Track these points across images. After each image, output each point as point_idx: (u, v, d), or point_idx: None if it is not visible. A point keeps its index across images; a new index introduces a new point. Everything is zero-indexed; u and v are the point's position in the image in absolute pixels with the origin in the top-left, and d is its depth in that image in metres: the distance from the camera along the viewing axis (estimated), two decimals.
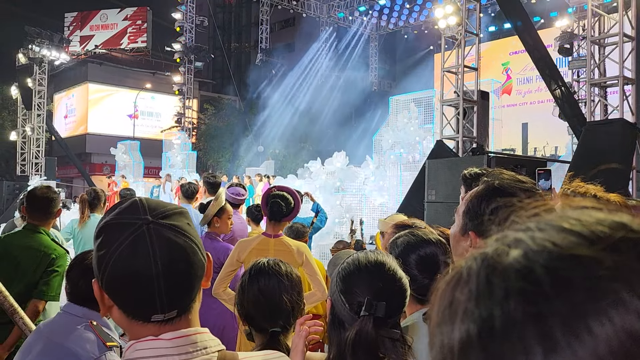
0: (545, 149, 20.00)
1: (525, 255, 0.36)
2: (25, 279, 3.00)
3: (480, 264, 0.38)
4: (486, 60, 21.29)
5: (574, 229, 0.37)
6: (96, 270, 0.90)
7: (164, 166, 19.74)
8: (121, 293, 0.88)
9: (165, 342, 0.88)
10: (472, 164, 7.33)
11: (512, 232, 0.39)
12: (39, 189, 3.30)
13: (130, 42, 35.94)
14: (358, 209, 11.79)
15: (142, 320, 0.89)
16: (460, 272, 0.39)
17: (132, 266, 0.86)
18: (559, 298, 0.34)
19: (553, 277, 0.34)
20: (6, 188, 17.29)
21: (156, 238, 0.87)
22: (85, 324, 1.85)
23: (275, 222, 3.30)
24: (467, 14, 10.18)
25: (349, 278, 1.34)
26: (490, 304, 0.35)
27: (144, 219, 0.88)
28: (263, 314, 1.77)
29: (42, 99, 20.22)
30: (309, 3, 27.48)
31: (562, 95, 9.21)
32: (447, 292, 0.39)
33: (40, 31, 19.46)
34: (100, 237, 0.90)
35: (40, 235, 3.13)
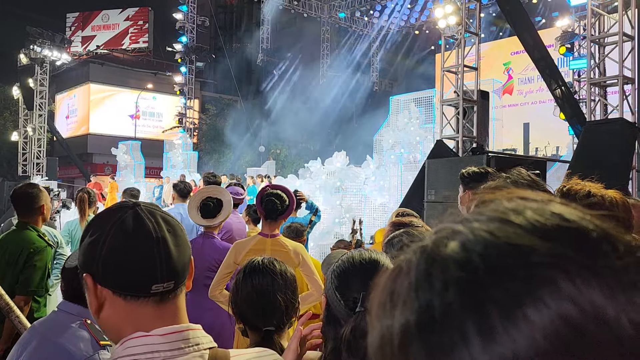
0: (546, 149, 19.98)
1: (463, 245, 0.37)
2: (12, 275, 3.04)
3: (419, 256, 0.39)
4: (487, 60, 21.28)
5: (510, 219, 0.37)
6: (89, 259, 0.92)
7: (165, 166, 19.76)
8: (121, 265, 0.90)
9: (157, 338, 0.89)
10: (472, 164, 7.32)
11: (450, 223, 0.40)
12: (19, 187, 3.34)
13: (132, 43, 36.00)
14: (358, 209, 11.79)
15: (142, 296, 0.90)
16: (400, 265, 0.40)
17: (134, 232, 0.90)
18: (496, 286, 0.34)
19: (490, 265, 0.35)
20: (7, 188, 17.31)
21: (149, 213, 0.93)
22: (80, 322, 1.85)
23: (271, 221, 3.30)
24: (468, 13, 10.17)
25: (344, 275, 1.36)
26: (430, 295, 0.36)
27: (133, 203, 0.95)
28: (257, 312, 1.78)
29: (44, 100, 20.26)
30: (310, 3, 27.49)
31: (563, 95, 9.20)
32: (387, 284, 0.40)
33: (41, 31, 19.51)
34: (91, 228, 0.94)
35: (27, 232, 3.18)
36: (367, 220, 10.78)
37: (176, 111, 26.43)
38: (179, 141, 20.16)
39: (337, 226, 11.04)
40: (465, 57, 9.95)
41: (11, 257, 3.06)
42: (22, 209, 3.23)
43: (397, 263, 0.40)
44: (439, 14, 10.07)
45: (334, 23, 29.03)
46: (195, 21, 24.74)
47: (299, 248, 3.27)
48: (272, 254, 3.12)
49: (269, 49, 28.12)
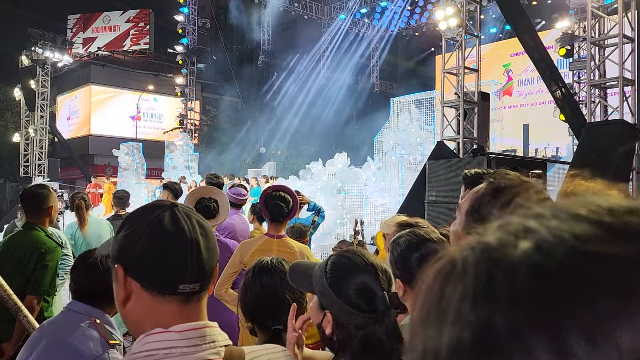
0: (546, 150, 20.00)
1: (539, 248, 0.30)
2: (23, 276, 3.06)
3: (479, 255, 0.32)
4: (487, 61, 21.31)
5: (599, 219, 0.30)
6: (122, 251, 0.95)
7: (167, 168, 19.79)
8: (154, 261, 0.93)
9: (174, 335, 0.91)
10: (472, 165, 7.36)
11: (519, 218, 0.33)
12: (29, 187, 3.38)
13: (133, 44, 36.05)
14: (359, 210, 11.82)
15: (168, 292, 0.93)
16: (454, 263, 0.33)
17: (171, 231, 0.94)
18: (581, 304, 0.27)
19: (575, 277, 0.28)
20: (9, 189, 17.34)
21: (186, 216, 0.97)
22: (89, 321, 1.87)
23: (277, 223, 3.34)
24: (468, 15, 10.21)
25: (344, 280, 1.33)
26: (491, 308, 0.29)
27: (171, 203, 0.99)
28: (265, 311, 1.80)
29: (45, 101, 20.31)
30: (311, 5, 27.54)
31: (563, 96, 9.24)
32: (436, 286, 0.33)
33: (43, 33, 19.56)
34: (128, 222, 0.98)
35: (35, 232, 3.20)
36: (367, 221, 10.81)
37: (177, 112, 26.48)
38: (180, 142, 20.19)
39: (338, 227, 11.07)
40: (465, 58, 9.99)
41: (20, 258, 3.09)
42: (31, 209, 3.26)
43: (448, 259, 0.33)
44: (440, 16, 10.10)
45: (334, 25, 29.09)
46: (196, 23, 24.79)
47: (305, 249, 3.31)
48: (278, 254, 3.16)
49: (270, 50, 28.17)
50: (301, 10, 27.06)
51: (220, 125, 27.39)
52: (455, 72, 10.00)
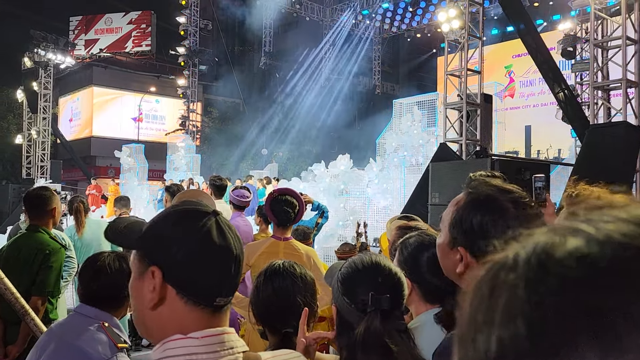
0: (548, 151, 19.99)
1: (588, 243, 0.31)
2: (29, 278, 3.07)
3: (531, 250, 0.33)
4: (489, 63, 21.30)
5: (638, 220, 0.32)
6: (163, 254, 0.92)
7: (169, 169, 19.80)
8: (198, 272, 0.92)
9: (194, 341, 0.90)
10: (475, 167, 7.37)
11: (567, 223, 0.34)
12: (32, 189, 3.39)
13: (135, 46, 36.11)
14: (362, 212, 11.82)
15: (203, 305, 0.92)
16: (505, 259, 0.34)
17: (220, 244, 0.92)
18: (626, 291, 0.29)
19: (622, 267, 0.30)
20: (12, 191, 17.37)
21: (228, 227, 0.96)
22: (98, 324, 1.88)
23: (283, 227, 3.37)
24: (470, 17, 10.22)
25: (349, 279, 1.41)
26: (543, 293, 0.31)
27: (213, 210, 0.98)
28: (276, 314, 1.80)
29: (48, 103, 20.34)
30: (312, 6, 27.56)
31: (565, 98, 9.23)
32: (486, 281, 0.34)
33: (45, 35, 19.61)
34: (171, 221, 0.95)
35: (39, 234, 3.22)
36: (370, 222, 10.81)
37: (179, 114, 26.50)
38: (182, 144, 20.20)
39: (340, 229, 11.07)
40: (468, 60, 9.99)
41: (26, 259, 3.10)
42: (34, 211, 3.27)
43: (497, 259, 0.34)
44: (443, 18, 10.10)
45: (336, 26, 29.12)
46: (198, 24, 24.83)
47: (311, 252, 3.34)
48: (285, 256, 3.18)
49: (272, 51, 28.19)
50: (303, 12, 27.08)
51: (222, 127, 27.40)
52: (458, 74, 10.00)
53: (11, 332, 3.00)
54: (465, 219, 1.18)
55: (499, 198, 1.17)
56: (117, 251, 2.14)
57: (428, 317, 1.56)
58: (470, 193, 1.21)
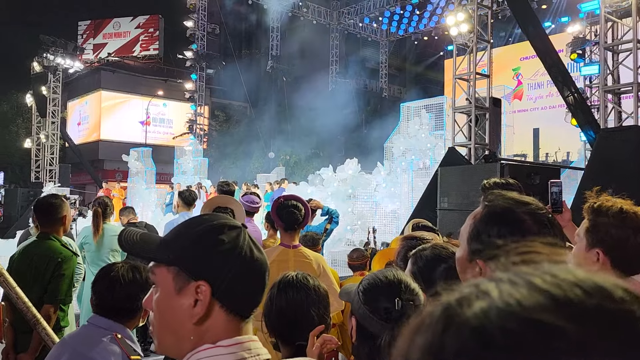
0: (557, 154, 19.88)
1: (485, 311, 0.33)
2: (41, 286, 3.07)
3: (440, 312, 0.35)
4: (496, 65, 21.17)
5: (546, 288, 0.33)
6: (213, 271, 0.94)
7: (176, 173, 19.86)
8: (244, 289, 0.97)
9: (222, 349, 0.93)
10: (485, 172, 7.33)
11: (486, 279, 0.36)
12: (43, 197, 3.39)
13: (143, 50, 36.33)
14: (370, 216, 11.79)
15: (242, 317, 0.97)
16: (424, 317, 0.37)
17: (258, 258, 0.98)
18: None
19: (507, 340, 0.31)
20: (21, 195, 17.47)
21: (254, 242, 1.01)
22: (111, 336, 1.88)
23: (291, 232, 3.34)
24: (479, 20, 10.17)
25: (371, 290, 1.43)
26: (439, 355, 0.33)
27: (242, 224, 1.03)
28: (290, 326, 1.80)
29: (57, 107, 20.48)
30: (319, 10, 27.62)
31: (575, 102, 9.17)
32: (409, 335, 0.37)
33: (54, 40, 19.75)
34: (207, 237, 0.97)
35: (51, 242, 3.21)
36: (378, 226, 10.78)
37: (186, 118, 26.60)
38: (190, 147, 20.26)
39: (348, 233, 11.04)
40: (477, 64, 9.94)
41: (38, 268, 3.10)
42: (44, 219, 3.27)
43: (422, 315, 0.37)
44: (451, 22, 10.06)
45: (342, 30, 29.14)
46: (206, 29, 24.93)
47: (320, 259, 3.32)
48: (295, 263, 3.16)
49: (278, 55, 28.25)
50: (310, 16, 27.14)
51: (229, 130, 27.48)
52: (466, 78, 9.96)
53: (22, 341, 3.00)
54: (483, 231, 1.19)
55: (516, 210, 1.17)
56: (131, 262, 2.13)
57: None
58: (487, 206, 1.22)
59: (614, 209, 1.64)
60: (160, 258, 0.97)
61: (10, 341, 3.08)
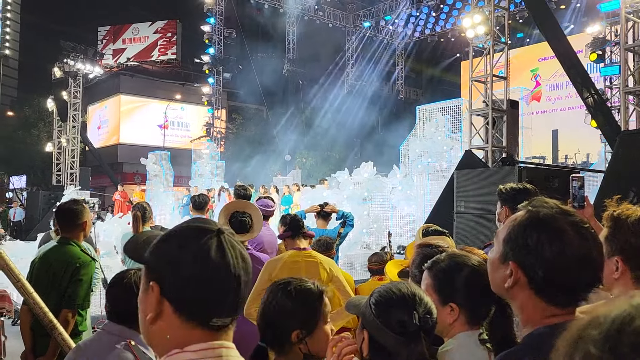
0: (576, 156, 19.57)
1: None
2: (59, 291, 3.11)
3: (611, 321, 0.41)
4: (514, 66, 20.95)
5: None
6: (162, 270, 0.93)
7: (193, 175, 20.02)
8: (195, 292, 0.91)
9: (190, 354, 0.91)
10: (502, 175, 7.25)
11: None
12: (64, 203, 3.44)
13: (161, 54, 36.78)
14: (385, 219, 11.74)
15: (197, 323, 0.92)
16: (589, 323, 0.41)
17: (217, 264, 0.91)
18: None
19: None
20: (42, 198, 17.80)
21: (231, 246, 0.94)
22: (124, 343, 1.90)
23: (299, 237, 3.44)
24: (496, 21, 10.07)
25: (385, 303, 1.44)
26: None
27: (217, 228, 0.95)
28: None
29: (77, 111, 20.82)
30: (335, 13, 27.63)
31: (595, 103, 9.03)
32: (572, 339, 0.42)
33: (75, 45, 20.09)
34: (173, 239, 0.95)
35: (70, 247, 3.25)
36: (393, 230, 10.72)
37: (204, 121, 26.81)
38: (207, 150, 20.40)
39: (364, 236, 11.01)
40: (494, 66, 9.84)
41: (56, 273, 3.14)
42: (65, 224, 3.32)
43: (584, 322, 0.41)
44: (467, 24, 9.98)
45: (358, 32, 29.11)
46: (222, 33, 25.11)
47: (331, 263, 3.35)
48: (306, 265, 3.19)
49: (295, 59, 28.33)
50: (325, 19, 27.17)
51: (246, 134, 27.61)
52: (483, 80, 9.87)
53: (41, 344, 3.05)
54: (521, 235, 1.20)
55: (559, 220, 1.18)
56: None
57: (467, 339, 1.55)
58: (530, 211, 1.23)
59: (634, 218, 1.61)
60: (138, 257, 1.00)
61: (29, 344, 3.13)
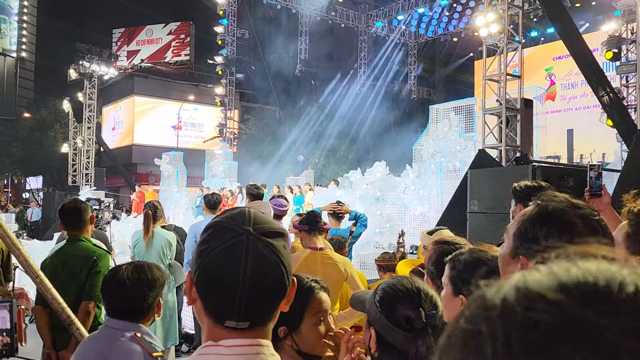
0: (592, 156, 19.34)
1: (508, 295, 0.38)
2: (78, 285, 3.17)
3: (476, 301, 0.40)
4: (529, 65, 20.81)
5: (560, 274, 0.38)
6: (193, 261, 0.96)
7: (207, 176, 20.14)
8: (206, 289, 0.94)
9: (223, 349, 0.92)
10: (516, 174, 7.20)
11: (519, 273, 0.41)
12: (66, 203, 3.50)
13: (174, 56, 37.08)
14: (398, 219, 11.71)
15: (216, 321, 0.93)
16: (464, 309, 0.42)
17: (223, 268, 0.91)
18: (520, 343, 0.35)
19: (524, 316, 0.36)
20: (58, 198, 18.02)
21: (252, 250, 0.92)
22: (131, 335, 1.91)
23: (315, 232, 3.40)
24: (509, 20, 10.00)
25: (391, 300, 1.42)
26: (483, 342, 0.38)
27: (246, 229, 0.94)
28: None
29: (92, 112, 21.06)
30: (348, 13, 27.63)
31: (610, 102, 8.92)
32: (456, 324, 0.41)
33: (90, 47, 20.32)
34: (206, 234, 0.96)
35: (82, 242, 3.33)
36: (407, 229, 10.66)
37: (217, 122, 26.97)
38: (220, 151, 20.51)
39: (377, 236, 11.00)
40: (507, 64, 9.78)
41: (73, 268, 3.20)
42: (71, 223, 3.39)
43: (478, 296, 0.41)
44: (481, 22, 9.93)
45: (371, 32, 29.07)
46: (235, 34, 25.24)
47: (347, 263, 3.35)
48: (322, 267, 3.19)
49: (307, 59, 28.38)
50: (338, 19, 27.18)
51: (259, 134, 27.72)
52: (497, 79, 9.81)
53: (61, 339, 3.10)
54: (531, 229, 1.19)
55: (568, 213, 1.17)
56: (135, 262, 2.17)
57: None
58: (539, 205, 1.22)
59: None
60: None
61: (49, 340, 3.18)
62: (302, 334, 1.68)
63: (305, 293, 1.74)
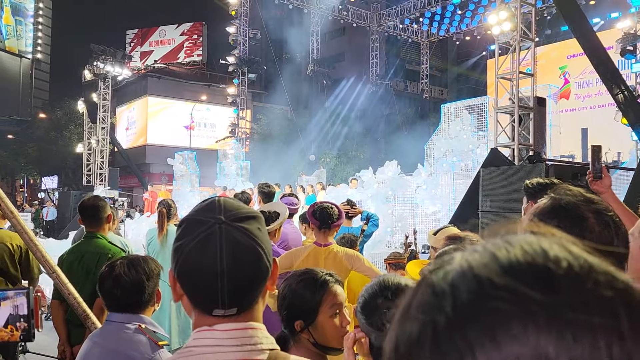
0: (607, 155, 19.09)
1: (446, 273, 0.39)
2: (93, 282, 3.21)
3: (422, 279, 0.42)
4: (542, 64, 20.62)
5: (493, 251, 0.39)
6: (172, 259, 0.98)
7: (219, 175, 20.25)
8: (188, 284, 0.96)
9: (219, 333, 0.94)
10: (528, 173, 7.15)
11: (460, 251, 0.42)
12: (86, 199, 3.55)
13: (187, 56, 37.34)
14: (410, 218, 11.69)
15: (204, 312, 0.96)
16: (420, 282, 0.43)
17: (200, 261, 0.93)
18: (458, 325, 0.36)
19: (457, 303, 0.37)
20: (73, 197, 18.26)
21: (225, 238, 0.93)
22: (135, 327, 1.94)
23: (325, 230, 3.40)
24: (522, 18, 9.93)
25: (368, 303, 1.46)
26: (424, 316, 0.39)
27: (217, 218, 0.95)
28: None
29: (106, 113, 21.30)
30: (359, 13, 27.59)
31: (625, 100, 8.83)
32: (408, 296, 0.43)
33: (104, 48, 20.56)
34: (179, 230, 0.98)
35: (98, 240, 3.37)
36: (419, 229, 10.66)
37: (229, 121, 27.10)
38: (232, 151, 20.63)
39: (388, 235, 10.99)
40: (520, 63, 9.71)
41: (89, 266, 3.26)
42: (90, 219, 3.44)
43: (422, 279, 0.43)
44: (493, 21, 9.88)
45: (383, 32, 29.00)
46: (247, 34, 25.34)
47: (350, 252, 3.37)
48: (326, 262, 3.22)
49: (319, 59, 28.39)
50: (350, 19, 27.16)
51: (271, 134, 27.80)
52: (509, 77, 9.75)
53: (76, 334, 3.16)
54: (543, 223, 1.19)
55: (581, 207, 1.16)
56: (129, 256, 2.20)
57: None
58: (552, 198, 1.21)
59: None
60: None
61: (64, 335, 3.24)
62: (318, 327, 1.71)
63: (320, 287, 1.77)
